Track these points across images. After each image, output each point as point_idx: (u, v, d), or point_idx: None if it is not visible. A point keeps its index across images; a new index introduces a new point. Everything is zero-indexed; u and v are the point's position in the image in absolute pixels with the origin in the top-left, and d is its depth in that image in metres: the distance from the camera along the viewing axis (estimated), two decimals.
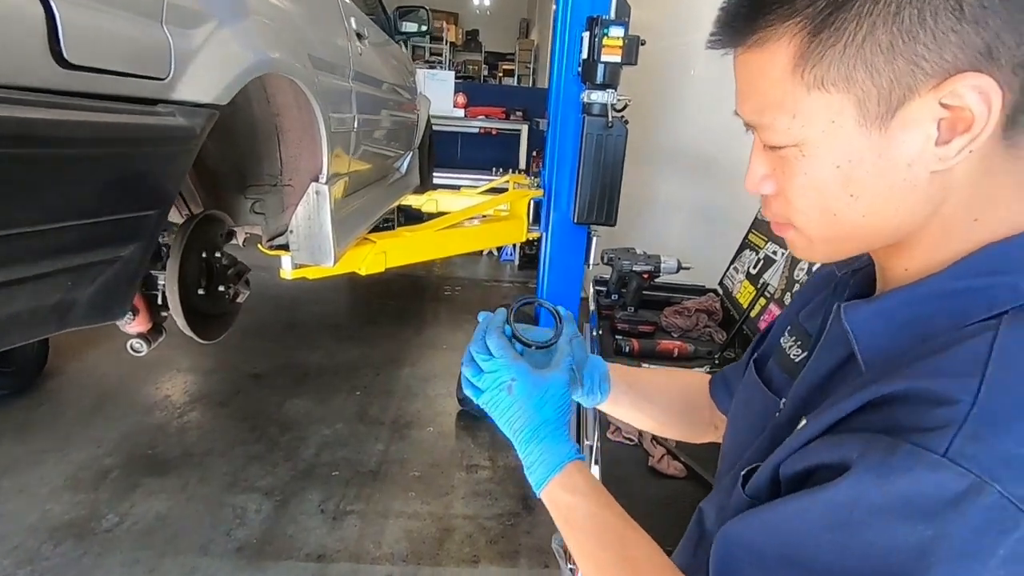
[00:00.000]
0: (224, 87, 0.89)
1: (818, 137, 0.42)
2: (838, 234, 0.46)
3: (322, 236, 1.64)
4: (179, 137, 0.81)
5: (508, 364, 0.62)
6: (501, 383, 0.62)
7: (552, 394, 0.62)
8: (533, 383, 0.61)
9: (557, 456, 0.59)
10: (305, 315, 4.40)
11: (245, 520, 2.28)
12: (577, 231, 2.69)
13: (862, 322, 0.46)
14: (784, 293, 1.57)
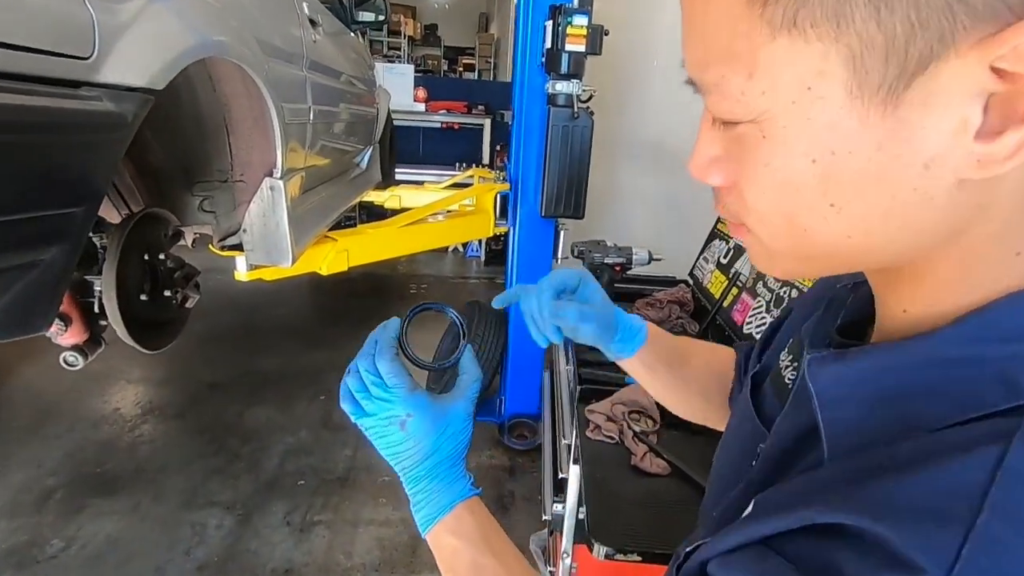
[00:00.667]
0: (159, 70, 0.80)
1: (786, 111, 0.28)
2: (808, 252, 0.32)
3: (278, 235, 1.55)
4: (107, 124, 0.72)
5: (404, 397, 0.55)
6: (393, 417, 0.55)
7: (452, 428, 0.56)
8: (432, 419, 0.55)
9: (448, 495, 0.55)
10: (264, 318, 4.23)
11: (204, 538, 2.16)
12: (545, 225, 2.65)
13: (829, 385, 0.34)
14: (756, 282, 1.57)
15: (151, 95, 0.79)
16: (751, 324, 1.51)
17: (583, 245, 1.86)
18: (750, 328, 1.50)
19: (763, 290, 1.51)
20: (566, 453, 1.39)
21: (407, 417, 0.54)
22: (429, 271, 5.67)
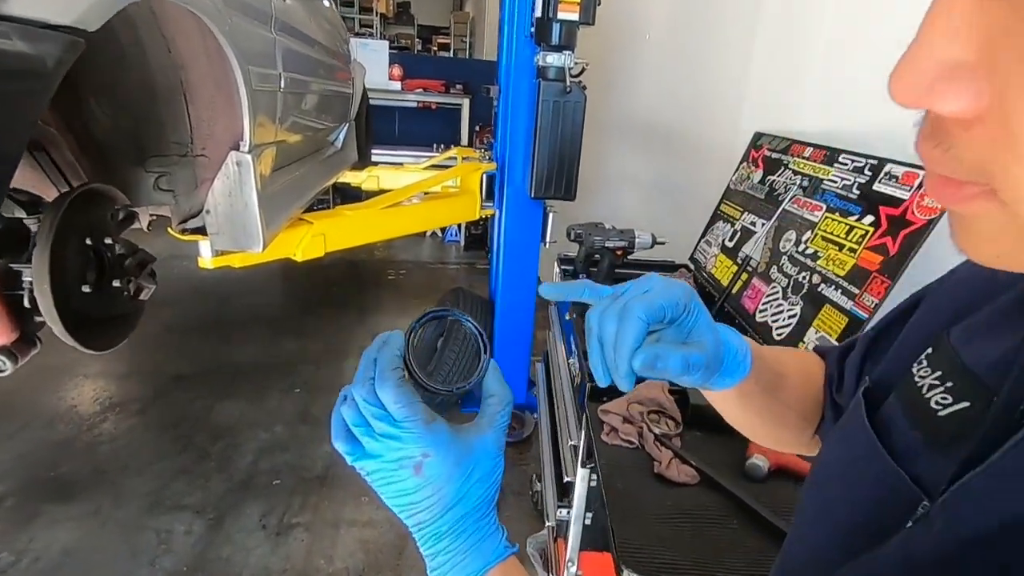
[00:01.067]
0: (88, 5, 0.63)
1: None
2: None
3: (247, 217, 1.38)
4: (19, 70, 0.56)
5: (419, 433, 0.42)
6: (405, 459, 0.42)
7: (481, 469, 0.44)
8: (455, 459, 0.43)
9: (478, 558, 0.43)
10: (234, 307, 4.02)
11: (172, 545, 2.00)
12: (533, 207, 2.52)
13: None
14: (769, 267, 1.46)
15: (80, 37, 0.63)
16: (765, 312, 1.41)
17: (580, 228, 1.74)
18: (764, 316, 1.40)
19: (778, 275, 1.41)
20: (571, 455, 1.28)
21: (423, 458, 0.42)
22: (407, 257, 5.49)
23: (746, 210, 1.70)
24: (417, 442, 0.42)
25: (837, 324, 1.15)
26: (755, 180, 1.70)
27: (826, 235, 1.29)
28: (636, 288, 0.48)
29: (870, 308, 1.08)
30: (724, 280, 1.67)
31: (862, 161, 1.27)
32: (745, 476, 0.94)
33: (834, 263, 1.23)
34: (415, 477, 0.42)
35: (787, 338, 1.28)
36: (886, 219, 1.13)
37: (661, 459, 0.93)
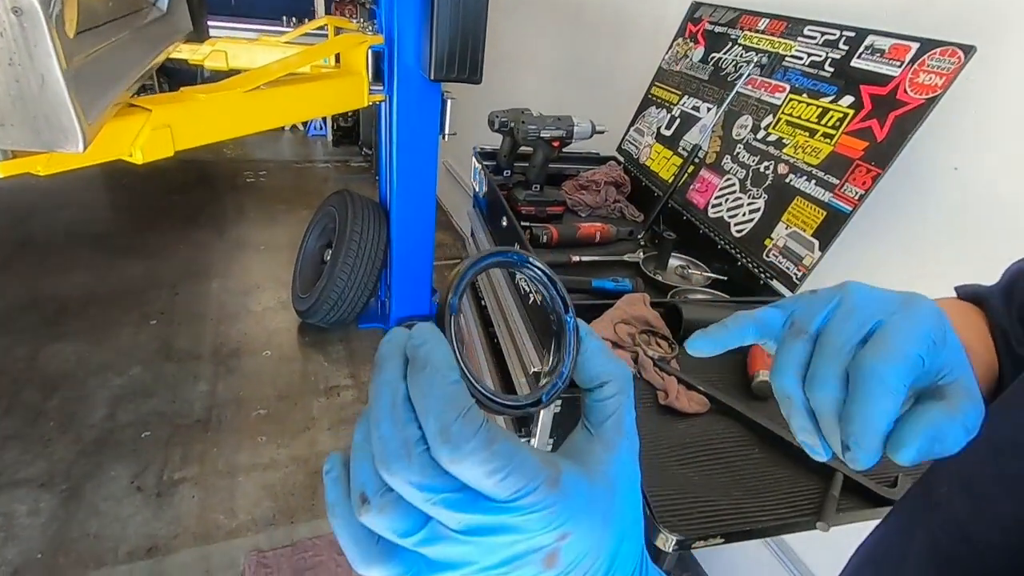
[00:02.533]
0: None
1: None
2: None
3: (51, 100, 0.94)
4: None
5: (548, 507, 0.22)
6: (524, 556, 0.23)
7: (632, 507, 0.27)
8: (603, 520, 0.25)
9: None
10: (47, 225, 3.21)
11: (13, 531, 1.60)
12: (430, 92, 2.16)
13: None
14: (720, 157, 1.34)
15: None
16: (719, 207, 1.30)
17: (506, 115, 1.47)
18: (719, 211, 1.30)
19: (733, 166, 1.30)
20: (534, 383, 1.12)
21: (560, 541, 0.23)
22: (265, 155, 4.75)
23: (685, 93, 1.54)
24: (549, 522, 0.22)
25: (813, 218, 1.06)
26: (695, 58, 1.53)
27: (792, 120, 1.18)
28: (846, 317, 0.32)
29: (854, 200, 0.99)
30: (662, 172, 1.54)
31: (835, 33, 1.14)
32: (753, 395, 0.84)
33: (804, 151, 1.12)
34: (547, 572, 0.23)
35: (749, 234, 1.19)
36: (870, 100, 1.03)
37: (667, 388, 0.80)
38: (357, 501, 0.23)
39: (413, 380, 0.23)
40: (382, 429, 0.23)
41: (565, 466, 0.24)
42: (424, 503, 0.22)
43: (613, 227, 1.42)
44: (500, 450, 0.22)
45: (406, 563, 0.23)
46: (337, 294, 2.36)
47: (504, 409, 0.26)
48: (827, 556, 1.36)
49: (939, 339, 0.30)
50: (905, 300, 0.32)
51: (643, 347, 0.86)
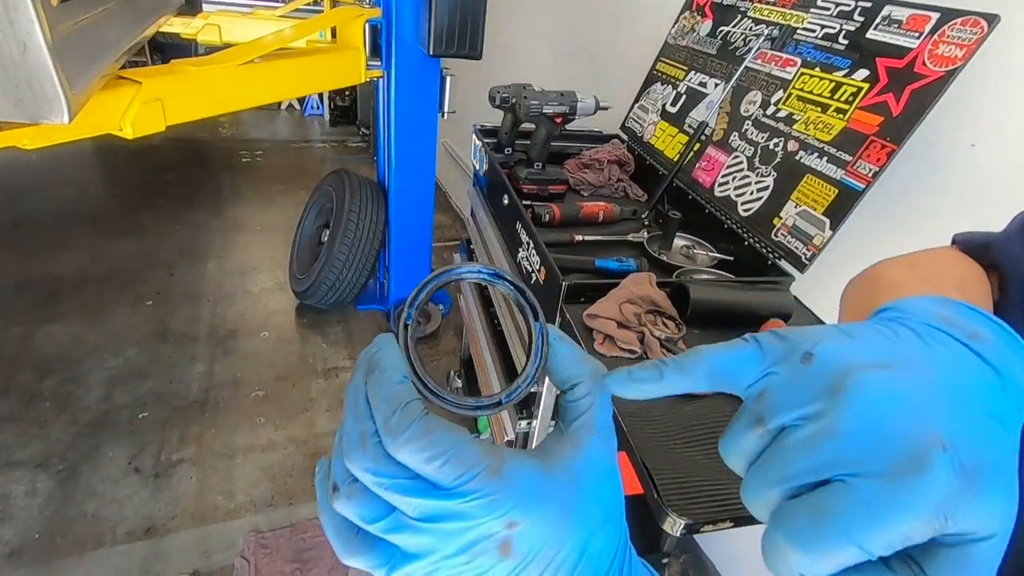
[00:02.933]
0: None
1: None
2: None
3: (34, 67, 0.90)
4: None
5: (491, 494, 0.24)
6: (478, 542, 0.24)
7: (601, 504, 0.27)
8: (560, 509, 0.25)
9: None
10: (40, 204, 3.16)
11: (10, 512, 1.59)
12: (429, 67, 2.11)
13: None
14: (728, 134, 1.30)
15: None
16: (726, 185, 1.27)
17: (507, 91, 1.43)
18: (725, 190, 1.27)
19: (740, 143, 1.26)
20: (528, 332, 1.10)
21: (509, 530, 0.24)
22: (262, 135, 4.68)
23: (692, 68, 1.49)
24: (492, 508, 0.24)
25: (824, 196, 1.03)
26: (702, 32, 1.48)
27: (804, 95, 1.14)
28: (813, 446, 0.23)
29: (867, 177, 0.96)
30: (667, 151, 1.50)
31: (850, 4, 1.09)
32: None
33: (816, 127, 1.09)
34: (504, 561, 0.25)
35: (757, 213, 1.16)
36: (886, 73, 0.99)
37: None
38: (331, 490, 0.26)
39: (368, 382, 0.27)
40: (346, 425, 0.26)
41: (513, 457, 0.25)
42: (378, 488, 0.25)
43: (617, 207, 1.38)
44: (437, 438, 0.24)
45: (384, 554, 0.25)
46: (335, 275, 2.34)
47: (455, 409, 0.28)
48: None
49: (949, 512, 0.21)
50: (911, 461, 0.21)
51: (649, 327, 0.83)
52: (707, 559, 1.73)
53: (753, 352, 0.26)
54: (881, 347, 0.25)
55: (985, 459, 0.21)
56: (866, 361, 0.24)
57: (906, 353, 0.24)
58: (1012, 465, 0.22)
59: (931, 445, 0.21)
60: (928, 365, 0.24)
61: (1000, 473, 0.22)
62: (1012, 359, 0.25)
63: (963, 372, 0.24)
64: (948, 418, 0.22)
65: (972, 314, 0.27)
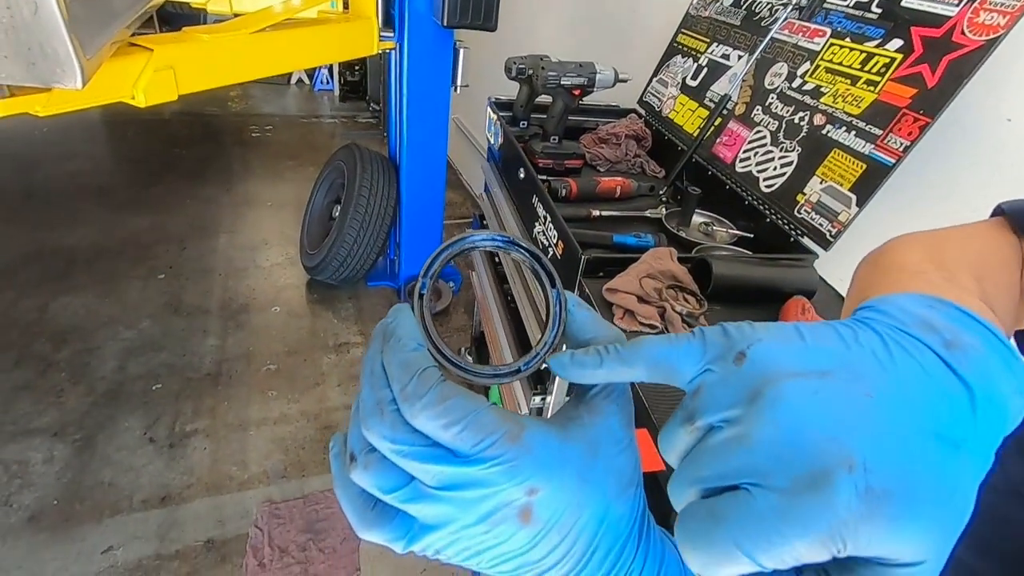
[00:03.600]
0: None
1: None
2: None
3: (46, 28, 0.88)
4: None
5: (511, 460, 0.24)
6: (498, 509, 0.24)
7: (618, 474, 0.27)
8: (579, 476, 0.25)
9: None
10: (52, 176, 3.17)
11: (29, 478, 1.62)
12: (442, 39, 2.07)
13: None
14: (751, 108, 1.27)
15: None
16: (748, 161, 1.24)
17: (523, 62, 1.40)
18: (747, 166, 1.24)
19: (764, 117, 1.23)
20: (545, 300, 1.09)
21: (529, 496, 0.24)
22: (271, 109, 4.65)
23: (714, 40, 1.45)
24: (512, 475, 0.24)
25: (851, 171, 1.00)
26: (726, 2, 1.44)
27: (832, 66, 1.10)
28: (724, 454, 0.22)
29: (898, 152, 0.93)
30: (686, 125, 1.47)
31: None
32: None
33: (844, 100, 1.06)
34: (525, 528, 0.24)
35: (780, 189, 1.13)
36: (921, 42, 0.95)
37: None
38: (348, 460, 0.25)
39: (384, 351, 0.26)
40: (363, 394, 0.26)
41: (531, 424, 0.25)
42: (396, 456, 0.24)
43: (634, 182, 1.36)
44: (454, 405, 0.23)
45: (401, 527, 0.25)
46: (346, 251, 2.33)
47: (473, 376, 0.28)
48: None
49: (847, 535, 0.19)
50: (811, 479, 0.20)
51: (671, 302, 0.82)
52: None
53: (696, 346, 0.25)
54: (828, 353, 0.23)
55: (907, 485, 0.20)
56: (797, 368, 0.22)
57: (854, 362, 0.22)
58: (954, 490, 0.20)
59: (837, 465, 0.20)
60: (873, 377, 0.22)
61: (928, 501, 0.20)
62: (995, 372, 0.22)
63: (917, 387, 0.22)
64: (870, 438, 0.20)
65: (961, 318, 0.24)
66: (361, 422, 0.25)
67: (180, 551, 1.50)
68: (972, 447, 0.21)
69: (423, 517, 0.24)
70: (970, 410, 0.22)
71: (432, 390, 0.24)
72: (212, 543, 1.53)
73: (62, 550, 1.46)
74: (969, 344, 0.23)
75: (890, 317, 0.25)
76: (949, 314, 0.25)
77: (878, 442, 0.20)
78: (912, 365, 0.22)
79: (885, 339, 0.23)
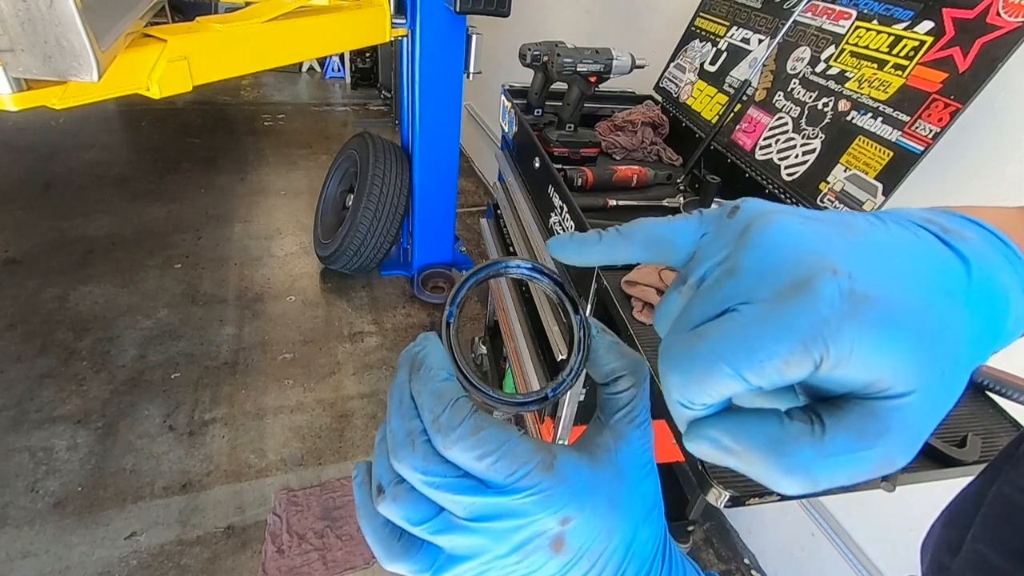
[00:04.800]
0: None
1: None
2: None
3: (62, 21, 0.88)
4: None
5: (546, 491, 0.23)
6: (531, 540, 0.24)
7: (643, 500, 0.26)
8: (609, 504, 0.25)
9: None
10: (70, 167, 3.20)
11: (54, 465, 1.65)
12: (455, 25, 2.05)
13: None
14: (772, 93, 1.24)
15: None
16: (768, 148, 1.21)
17: (539, 48, 1.37)
18: (767, 153, 1.21)
19: (786, 103, 1.20)
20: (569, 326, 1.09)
21: (562, 527, 0.24)
22: (283, 98, 4.64)
23: (734, 24, 1.41)
24: (547, 505, 0.23)
25: (877, 159, 0.98)
26: None
27: (858, 50, 1.07)
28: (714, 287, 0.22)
29: (927, 139, 0.90)
30: (705, 112, 1.44)
31: None
32: None
33: (871, 85, 1.02)
34: (556, 557, 0.24)
35: (802, 177, 1.11)
36: (953, 24, 0.92)
37: None
38: (375, 492, 0.25)
39: (413, 380, 0.26)
40: (392, 424, 0.25)
41: (562, 452, 0.25)
42: (428, 488, 0.24)
43: (651, 170, 1.34)
44: (488, 436, 0.23)
45: (428, 558, 0.24)
46: (359, 240, 2.33)
47: (502, 405, 0.27)
48: (854, 505, 1.34)
49: (829, 337, 0.19)
50: (794, 283, 0.20)
51: None
52: (731, 527, 1.73)
53: (692, 222, 0.26)
54: (816, 212, 0.24)
55: (891, 296, 0.19)
56: (783, 210, 0.23)
57: (846, 218, 0.23)
58: (945, 326, 0.20)
59: (821, 270, 0.20)
60: (864, 229, 0.22)
61: (913, 318, 0.20)
62: (994, 261, 0.23)
63: (909, 242, 0.22)
64: (857, 255, 0.21)
65: (963, 220, 0.25)
66: (390, 453, 0.25)
67: (201, 537, 1.53)
68: (969, 306, 0.21)
69: (452, 548, 0.24)
70: (965, 275, 0.22)
71: (466, 421, 0.24)
72: (232, 529, 1.55)
73: (87, 535, 1.49)
74: (969, 236, 0.23)
75: (892, 211, 0.25)
76: (951, 217, 0.25)
77: (864, 259, 0.21)
78: (907, 234, 0.23)
79: (883, 219, 0.24)
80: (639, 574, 0.26)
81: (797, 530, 1.49)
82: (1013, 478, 0.37)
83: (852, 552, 1.34)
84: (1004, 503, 0.37)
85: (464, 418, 0.24)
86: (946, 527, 0.44)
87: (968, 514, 0.41)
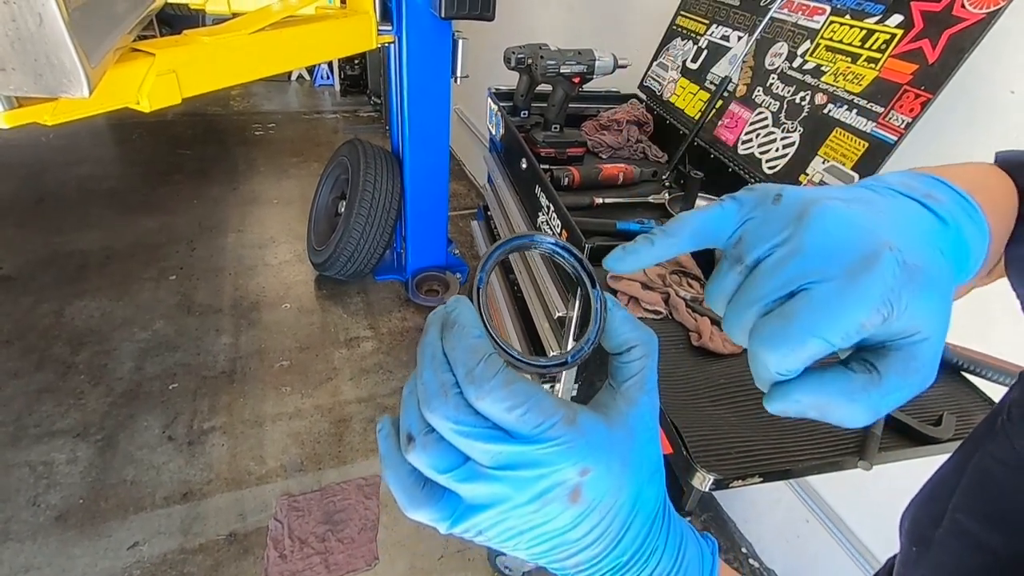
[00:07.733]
0: None
1: None
2: None
3: (51, 39, 0.89)
4: None
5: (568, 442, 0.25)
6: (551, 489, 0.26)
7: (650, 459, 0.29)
8: (622, 460, 0.27)
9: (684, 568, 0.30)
10: (61, 181, 3.20)
11: (55, 479, 1.66)
12: (440, 30, 2.07)
13: None
14: (751, 89, 1.27)
15: None
16: (750, 143, 1.24)
17: (523, 51, 1.39)
18: (749, 148, 1.23)
19: (765, 98, 1.22)
20: (556, 328, 1.11)
21: (581, 477, 0.26)
22: (273, 107, 4.65)
23: (714, 21, 1.44)
24: (568, 456, 0.25)
25: (853, 150, 1.00)
26: None
27: (833, 44, 1.10)
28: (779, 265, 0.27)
29: (900, 129, 0.93)
30: (688, 109, 1.46)
31: None
32: None
33: (845, 78, 1.05)
34: (572, 507, 0.26)
35: (783, 170, 1.13)
36: (921, 17, 0.95)
37: (699, 329, 0.78)
38: (404, 441, 0.27)
39: (446, 337, 0.27)
40: (424, 377, 0.27)
41: (582, 410, 0.27)
42: (457, 436, 0.25)
43: (636, 168, 1.36)
44: (518, 389, 0.25)
45: (449, 506, 0.26)
46: (353, 246, 2.35)
47: (528, 367, 0.29)
48: (847, 491, 1.37)
49: (894, 300, 0.24)
50: (864, 260, 0.25)
51: (674, 287, 0.83)
52: (728, 517, 1.75)
53: (732, 208, 0.30)
54: (840, 191, 0.29)
55: (927, 263, 0.26)
56: (829, 195, 0.28)
57: (863, 196, 0.29)
58: (947, 283, 0.26)
59: (881, 247, 0.25)
60: (879, 203, 0.28)
61: (937, 281, 0.26)
62: (961, 217, 0.29)
63: (912, 214, 0.28)
64: (896, 232, 0.26)
65: (934, 182, 0.31)
66: (422, 404, 0.26)
67: (203, 545, 1.54)
68: (948, 257, 0.28)
69: (473, 497, 0.26)
70: (945, 234, 0.28)
71: (499, 375, 0.25)
72: (234, 536, 1.57)
73: (90, 547, 1.50)
74: (942, 199, 0.30)
75: (877, 180, 0.31)
76: (925, 180, 0.31)
77: (902, 234, 0.26)
78: (903, 202, 0.29)
79: (878, 190, 0.29)
80: (642, 529, 0.28)
81: (792, 517, 1.52)
82: (992, 449, 0.39)
83: (845, 536, 1.36)
84: (981, 473, 0.39)
85: (497, 371, 0.25)
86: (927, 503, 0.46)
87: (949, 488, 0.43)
